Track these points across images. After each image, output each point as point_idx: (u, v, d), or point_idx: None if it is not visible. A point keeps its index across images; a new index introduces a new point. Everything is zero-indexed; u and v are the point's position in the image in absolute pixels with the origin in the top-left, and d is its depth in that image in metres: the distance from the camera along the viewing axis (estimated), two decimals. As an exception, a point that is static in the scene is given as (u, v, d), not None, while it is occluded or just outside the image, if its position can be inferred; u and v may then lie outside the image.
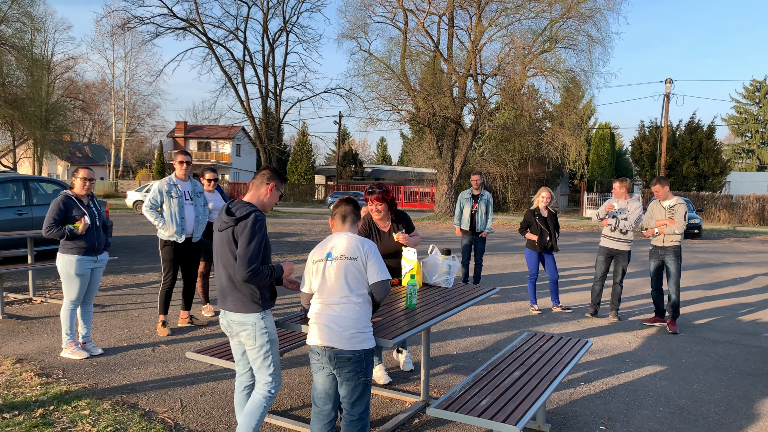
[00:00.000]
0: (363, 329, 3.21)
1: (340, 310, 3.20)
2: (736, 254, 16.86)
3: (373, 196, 4.76)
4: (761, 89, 57.49)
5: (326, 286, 3.25)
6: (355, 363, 3.18)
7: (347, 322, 3.18)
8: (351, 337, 3.17)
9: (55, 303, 7.81)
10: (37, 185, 11.35)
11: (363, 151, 79.29)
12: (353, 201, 3.52)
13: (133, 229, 18.94)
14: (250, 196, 3.53)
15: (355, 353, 3.17)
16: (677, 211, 7.07)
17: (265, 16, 32.98)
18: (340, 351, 3.17)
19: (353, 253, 3.24)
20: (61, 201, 5.36)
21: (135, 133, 64.59)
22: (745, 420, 4.46)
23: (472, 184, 9.35)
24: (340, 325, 3.18)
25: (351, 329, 3.18)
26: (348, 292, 3.21)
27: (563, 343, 4.60)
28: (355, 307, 3.21)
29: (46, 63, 40.57)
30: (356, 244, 3.28)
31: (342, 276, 3.22)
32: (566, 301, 8.87)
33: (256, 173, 3.59)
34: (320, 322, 3.23)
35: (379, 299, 3.30)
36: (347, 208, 3.47)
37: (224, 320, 3.52)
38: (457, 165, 30.07)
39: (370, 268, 3.24)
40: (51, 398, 4.46)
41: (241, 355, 3.57)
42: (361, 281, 3.24)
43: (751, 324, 7.76)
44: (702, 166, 37.77)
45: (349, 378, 3.20)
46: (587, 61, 28.57)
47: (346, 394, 3.23)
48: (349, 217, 3.45)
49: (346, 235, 3.35)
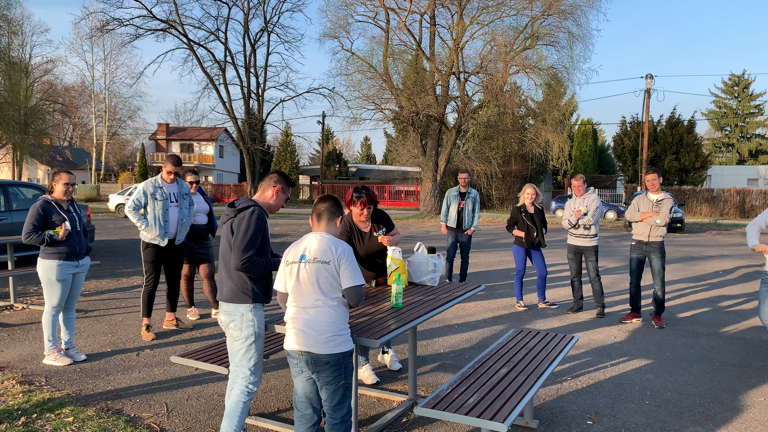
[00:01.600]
0: (339, 332, 3.16)
1: (315, 313, 3.14)
2: (718, 247, 17.07)
3: (361, 200, 4.65)
4: (740, 83, 58.27)
5: (300, 289, 3.19)
6: (333, 366, 3.13)
7: (322, 326, 3.12)
8: (327, 341, 3.11)
9: (36, 309, 7.70)
10: (17, 190, 11.19)
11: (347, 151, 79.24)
12: (331, 198, 3.42)
13: (116, 233, 18.74)
14: (257, 196, 3.67)
15: (332, 357, 3.11)
16: (664, 205, 7.10)
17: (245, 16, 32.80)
18: (317, 355, 3.11)
19: (325, 256, 3.16)
20: (40, 206, 5.28)
21: (116, 136, 63.94)
22: (730, 411, 4.51)
23: (460, 182, 9.37)
24: (315, 329, 3.12)
25: (327, 333, 3.12)
26: (321, 295, 3.14)
27: (549, 339, 4.61)
28: (330, 310, 3.15)
29: (23, 66, 40.06)
30: (329, 246, 3.19)
31: (315, 280, 3.15)
32: (552, 297, 8.91)
33: (265, 177, 3.70)
34: (296, 326, 3.18)
35: (353, 304, 3.22)
36: (322, 205, 3.36)
37: (220, 314, 3.58)
38: (442, 163, 30.13)
39: (343, 273, 3.16)
40: (34, 406, 4.39)
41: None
42: (334, 285, 3.16)
43: (734, 316, 7.85)
44: (683, 160, 38.18)
45: (329, 382, 3.14)
46: (568, 58, 28.78)
47: (326, 398, 3.18)
48: (325, 215, 3.33)
49: (320, 236, 3.26)
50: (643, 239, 7.24)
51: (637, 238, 7.33)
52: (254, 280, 3.53)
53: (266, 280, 3.62)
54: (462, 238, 9.34)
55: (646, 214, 7.15)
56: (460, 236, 9.34)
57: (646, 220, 7.12)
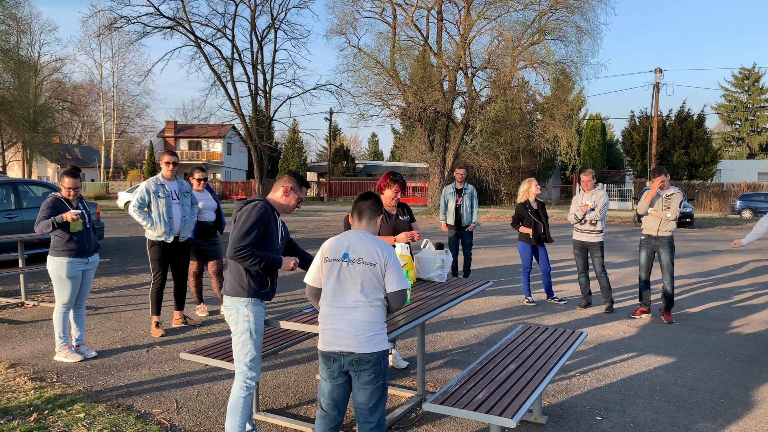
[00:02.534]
0: (379, 330, 3.10)
1: (356, 313, 3.06)
2: (727, 242, 16.95)
3: (398, 183, 4.89)
4: (750, 77, 57.79)
5: (340, 288, 3.11)
6: (375, 365, 3.05)
7: (363, 325, 3.06)
8: (368, 340, 3.05)
9: (47, 306, 7.76)
10: (27, 188, 11.26)
11: (354, 147, 79.23)
12: (373, 196, 3.31)
13: (125, 231, 18.84)
14: (270, 195, 3.73)
15: (374, 356, 3.05)
16: (673, 199, 7.07)
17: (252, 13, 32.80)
18: (359, 355, 3.04)
19: (372, 258, 3.08)
20: (51, 201, 5.34)
21: (125, 134, 64.24)
22: (741, 407, 4.49)
23: (456, 178, 9.34)
24: (356, 328, 3.05)
25: (368, 332, 3.05)
26: (363, 296, 3.07)
27: (558, 334, 4.60)
28: (372, 309, 3.08)
29: (32, 65, 40.29)
30: (375, 248, 3.11)
31: (359, 281, 3.07)
32: (560, 293, 8.89)
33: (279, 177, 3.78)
34: (334, 326, 3.10)
35: (396, 307, 3.16)
36: (364, 203, 3.27)
37: (223, 307, 3.65)
38: (449, 159, 30.07)
39: (389, 276, 3.09)
40: (45, 402, 4.43)
41: None
42: (377, 287, 3.09)
43: (744, 311, 7.80)
44: (692, 154, 37.94)
45: (368, 382, 3.06)
46: (576, 53, 28.61)
47: (364, 401, 3.08)
48: (366, 213, 3.25)
49: (365, 236, 3.17)
50: (652, 233, 7.21)
51: (646, 232, 7.29)
52: (252, 275, 3.55)
53: (266, 277, 3.62)
54: (463, 235, 9.31)
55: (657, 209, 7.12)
56: (461, 233, 9.31)
57: (656, 214, 7.09)
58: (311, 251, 13.75)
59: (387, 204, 4.99)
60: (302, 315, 3.86)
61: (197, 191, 7.10)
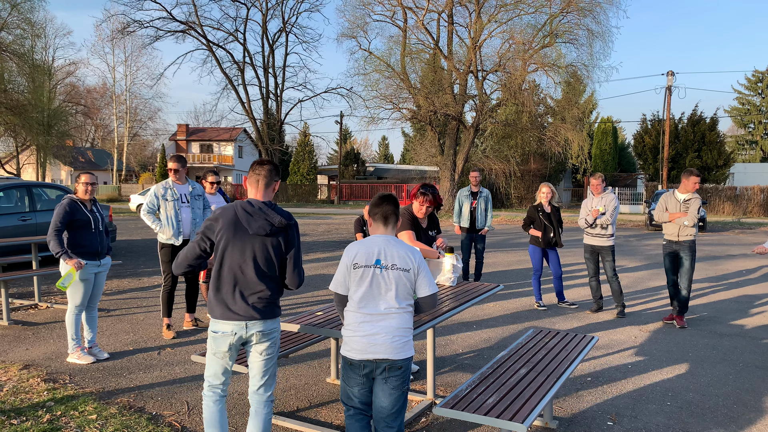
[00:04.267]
0: (410, 336, 3.12)
1: (390, 320, 3.05)
2: (741, 246, 16.81)
3: (429, 197, 4.83)
4: (764, 80, 57.25)
5: (372, 294, 3.07)
6: (405, 371, 3.07)
7: (399, 331, 3.05)
8: (403, 346, 3.05)
9: (60, 308, 7.82)
10: (41, 191, 11.37)
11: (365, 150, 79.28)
12: (394, 199, 3.28)
13: (137, 233, 18.97)
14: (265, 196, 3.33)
15: (405, 361, 3.07)
16: (692, 204, 6.99)
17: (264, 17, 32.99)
18: (394, 361, 3.03)
19: (406, 264, 3.08)
20: (66, 205, 5.38)
21: (137, 137, 64.72)
22: (754, 413, 4.44)
23: (471, 181, 9.32)
24: (393, 335, 3.04)
25: (403, 338, 3.06)
26: (396, 302, 3.06)
27: (569, 339, 4.58)
28: (405, 315, 3.09)
29: (47, 69, 40.65)
30: (408, 254, 3.10)
31: (393, 287, 3.06)
32: (571, 297, 8.84)
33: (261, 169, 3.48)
34: (368, 333, 3.05)
35: (426, 311, 3.19)
36: (389, 207, 3.23)
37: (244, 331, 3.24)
38: (460, 162, 30.04)
39: (421, 281, 3.11)
40: (58, 403, 4.47)
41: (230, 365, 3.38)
42: (409, 292, 3.10)
43: (757, 316, 7.73)
44: (705, 158, 37.62)
45: (396, 387, 3.05)
46: (588, 56, 28.54)
47: (388, 405, 3.06)
48: (392, 219, 3.22)
49: (394, 240, 3.15)
50: (673, 239, 7.11)
51: (667, 237, 7.20)
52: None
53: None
54: (476, 238, 9.29)
55: (674, 215, 7.03)
56: (474, 236, 9.29)
57: (675, 221, 7.02)
58: (321, 254, 13.77)
59: (417, 214, 4.97)
60: (312, 317, 3.86)
61: (210, 194, 7.14)
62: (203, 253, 3.24)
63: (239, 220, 3.19)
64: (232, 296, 3.19)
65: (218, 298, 3.21)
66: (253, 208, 3.20)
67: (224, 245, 3.18)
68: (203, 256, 3.25)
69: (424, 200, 4.85)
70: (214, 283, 3.22)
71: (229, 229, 3.18)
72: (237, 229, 3.18)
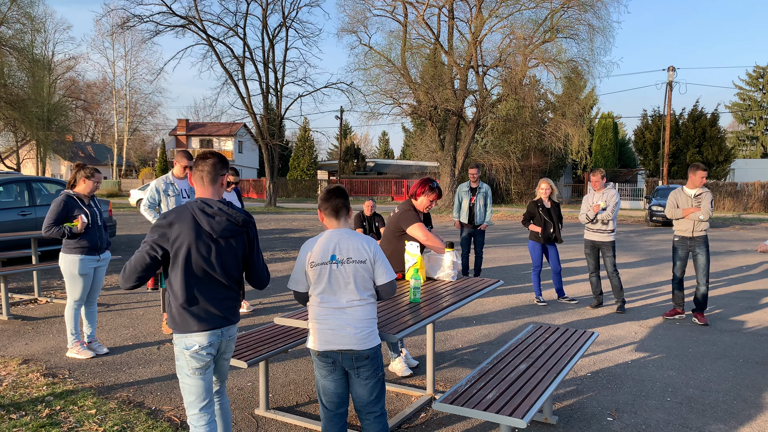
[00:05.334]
0: (375, 326, 3.16)
1: (352, 312, 3.08)
2: (741, 242, 16.79)
3: (437, 192, 4.92)
4: (765, 75, 57.13)
5: (332, 289, 3.09)
6: (373, 360, 3.11)
7: (362, 322, 3.08)
8: (366, 336, 3.08)
9: (60, 303, 7.82)
10: (41, 186, 11.36)
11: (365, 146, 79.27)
12: (343, 192, 3.25)
13: (137, 228, 18.96)
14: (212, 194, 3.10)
15: (372, 351, 3.10)
16: (704, 199, 6.93)
17: (264, 11, 32.84)
18: (359, 352, 3.07)
19: (361, 255, 3.09)
20: (62, 200, 5.36)
21: (137, 132, 64.63)
22: (754, 409, 4.44)
23: (470, 177, 9.34)
24: (355, 326, 3.07)
25: (366, 329, 3.09)
26: (358, 294, 3.09)
27: (569, 334, 4.57)
28: (367, 306, 3.12)
29: (46, 63, 40.57)
30: (362, 245, 3.11)
31: (352, 280, 3.08)
32: (571, 292, 8.84)
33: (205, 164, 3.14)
34: (331, 326, 3.08)
35: (387, 298, 3.24)
36: (340, 201, 3.20)
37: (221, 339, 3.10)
38: (460, 157, 30.00)
39: (378, 269, 3.13)
40: (57, 398, 4.47)
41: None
42: (368, 282, 3.13)
43: (758, 312, 7.72)
44: (706, 154, 37.59)
45: (369, 376, 3.11)
46: (588, 51, 28.49)
47: (365, 394, 3.13)
48: (343, 211, 3.21)
49: (347, 233, 3.16)
50: (687, 235, 7.04)
51: (680, 234, 7.13)
52: None
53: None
54: (475, 234, 9.30)
55: (687, 210, 6.97)
56: (473, 232, 9.30)
57: (689, 217, 6.96)
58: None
59: (421, 209, 5.00)
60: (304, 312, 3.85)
61: (226, 192, 7.11)
62: (153, 263, 2.89)
63: (199, 223, 2.93)
64: (205, 305, 2.96)
65: (190, 310, 2.94)
66: (212, 209, 2.95)
67: (186, 252, 2.89)
68: (153, 266, 2.90)
69: (434, 196, 4.93)
70: (181, 295, 2.93)
71: (189, 234, 2.90)
72: (199, 233, 2.92)
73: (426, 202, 4.93)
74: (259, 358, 4.06)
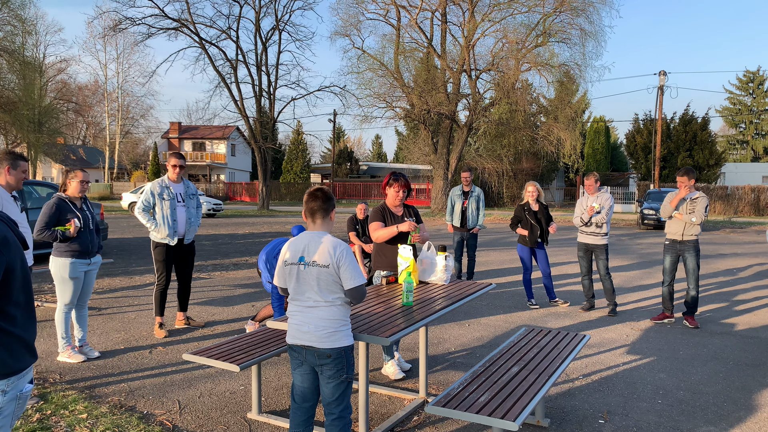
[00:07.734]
0: (339, 328, 3.18)
1: (316, 311, 3.17)
2: (732, 245, 16.91)
3: (399, 182, 4.92)
4: (755, 80, 57.59)
5: (300, 289, 3.20)
6: (336, 360, 3.15)
7: (323, 322, 3.15)
8: (328, 336, 3.15)
9: (50, 307, 7.77)
10: (32, 189, 11.30)
11: (358, 149, 79.29)
12: (321, 191, 3.27)
13: (129, 231, 18.88)
14: None
15: (334, 351, 3.15)
16: (699, 203, 6.96)
17: (257, 14, 32.82)
18: (321, 350, 3.15)
19: (325, 260, 3.13)
20: (54, 204, 5.32)
21: (129, 135, 64.33)
22: (744, 411, 4.47)
23: (463, 181, 9.37)
24: (317, 325, 3.15)
25: (327, 329, 3.15)
26: (321, 296, 3.15)
27: (561, 337, 4.59)
28: (332, 308, 3.17)
29: (38, 66, 40.39)
30: (328, 249, 3.14)
31: (315, 283, 3.15)
32: (563, 295, 8.87)
33: None
34: (296, 321, 3.22)
35: (356, 302, 3.24)
36: (315, 203, 3.25)
37: None
38: (453, 161, 30.06)
39: (344, 274, 3.13)
40: (48, 402, 4.44)
41: None
42: (335, 286, 3.16)
43: (748, 315, 7.77)
44: (697, 157, 37.80)
45: (331, 376, 3.17)
46: (581, 55, 28.60)
47: (328, 393, 3.20)
48: (319, 214, 3.25)
49: (318, 236, 3.21)
50: (677, 238, 7.07)
51: (670, 237, 7.16)
52: None
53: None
54: (468, 237, 9.33)
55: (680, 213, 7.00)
56: (465, 235, 9.34)
57: (682, 218, 7.01)
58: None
59: (392, 204, 5.03)
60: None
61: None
62: None
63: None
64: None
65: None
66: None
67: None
68: None
69: (398, 186, 4.93)
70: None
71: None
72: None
73: (394, 194, 4.96)
74: (252, 361, 4.05)
